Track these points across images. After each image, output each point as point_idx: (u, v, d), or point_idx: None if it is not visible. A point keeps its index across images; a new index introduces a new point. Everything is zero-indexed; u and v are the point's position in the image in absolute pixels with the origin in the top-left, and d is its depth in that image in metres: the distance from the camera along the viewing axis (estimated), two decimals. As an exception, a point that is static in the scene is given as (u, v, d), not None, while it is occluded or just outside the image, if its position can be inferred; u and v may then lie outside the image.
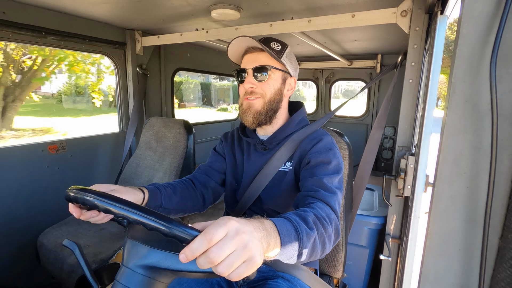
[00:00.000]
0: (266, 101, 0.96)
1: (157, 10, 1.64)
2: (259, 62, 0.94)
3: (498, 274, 0.56)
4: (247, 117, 0.98)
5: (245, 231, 0.47)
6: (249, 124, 0.99)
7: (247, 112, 0.97)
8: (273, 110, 0.98)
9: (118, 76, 2.21)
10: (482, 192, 0.58)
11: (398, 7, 1.22)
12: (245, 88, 0.96)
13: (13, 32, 1.56)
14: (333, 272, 1.17)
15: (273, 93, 0.96)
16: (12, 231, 1.71)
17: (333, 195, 0.83)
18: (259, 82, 0.95)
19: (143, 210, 0.51)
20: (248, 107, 0.96)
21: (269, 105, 0.96)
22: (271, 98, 0.97)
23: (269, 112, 0.97)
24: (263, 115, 0.97)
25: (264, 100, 0.96)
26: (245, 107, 0.97)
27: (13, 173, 1.68)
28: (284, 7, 1.52)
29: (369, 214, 1.81)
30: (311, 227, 0.66)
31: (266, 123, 1.00)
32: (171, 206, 0.95)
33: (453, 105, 0.59)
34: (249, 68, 0.94)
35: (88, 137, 2.11)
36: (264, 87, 0.95)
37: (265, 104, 0.96)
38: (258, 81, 0.95)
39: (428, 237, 0.64)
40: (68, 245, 0.68)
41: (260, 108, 0.96)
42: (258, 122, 0.97)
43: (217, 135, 3.30)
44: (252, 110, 0.96)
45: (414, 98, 1.22)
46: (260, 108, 0.96)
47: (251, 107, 0.96)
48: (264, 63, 0.94)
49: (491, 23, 0.54)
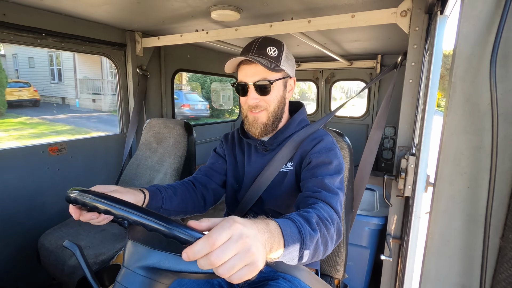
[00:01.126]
0: (270, 112, 0.96)
1: (157, 11, 1.64)
2: (259, 75, 0.92)
3: (499, 274, 0.56)
4: (254, 130, 0.98)
5: (249, 235, 0.46)
6: (257, 136, 0.99)
7: (254, 125, 0.98)
8: (278, 118, 0.99)
9: (118, 77, 2.21)
10: (483, 192, 0.58)
11: (398, 7, 1.22)
12: (248, 103, 0.96)
13: (14, 33, 1.57)
14: (334, 273, 1.17)
15: (276, 103, 0.97)
16: (13, 233, 1.71)
17: (334, 196, 0.83)
18: (262, 96, 0.94)
19: (143, 211, 0.51)
20: (254, 120, 0.97)
21: (274, 115, 0.97)
22: (275, 108, 0.97)
23: (275, 121, 0.99)
24: (269, 126, 0.98)
25: (268, 112, 0.96)
26: (251, 120, 0.98)
27: (13, 174, 1.69)
28: (283, 8, 1.52)
29: (370, 214, 1.81)
30: (314, 228, 0.66)
31: (273, 130, 1.01)
32: (172, 207, 0.95)
33: (453, 104, 0.58)
34: (250, 83, 0.93)
35: (89, 139, 2.11)
36: (267, 99, 0.95)
37: (270, 116, 0.97)
38: (261, 95, 0.94)
39: (429, 237, 0.64)
40: (69, 246, 0.68)
41: (265, 120, 0.97)
42: (266, 132, 0.99)
43: (217, 136, 3.30)
44: (259, 123, 0.97)
45: (414, 98, 1.22)
46: (266, 120, 0.97)
47: (257, 120, 0.97)
48: (265, 76, 0.92)
49: (491, 23, 0.54)
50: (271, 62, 0.92)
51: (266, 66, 0.89)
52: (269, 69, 0.90)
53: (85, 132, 9.42)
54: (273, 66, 0.92)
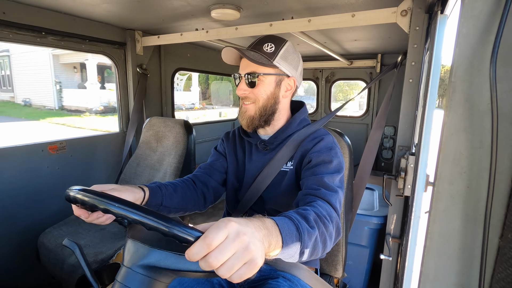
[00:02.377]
0: (258, 106, 0.97)
1: (157, 10, 1.64)
2: (250, 69, 0.95)
3: (499, 274, 0.56)
4: (242, 120, 1.02)
5: (246, 232, 0.46)
6: (244, 127, 1.02)
7: (242, 116, 1.01)
8: (267, 114, 0.99)
9: (118, 76, 2.21)
10: (482, 192, 0.58)
11: (398, 7, 1.22)
12: (237, 93, 0.99)
13: (13, 32, 1.56)
14: (333, 272, 1.17)
15: (265, 98, 0.97)
16: (12, 231, 1.72)
17: (334, 194, 0.83)
18: (251, 88, 0.96)
19: (142, 210, 0.51)
20: (244, 111, 1.00)
21: (261, 111, 0.98)
22: (264, 103, 0.97)
23: (262, 117, 0.99)
24: (256, 120, 0.99)
25: (256, 106, 0.97)
26: (242, 111, 1.01)
27: (13, 173, 1.69)
28: (284, 7, 1.52)
29: (370, 213, 1.81)
30: (312, 225, 0.66)
31: (263, 126, 1.02)
32: (172, 204, 0.95)
33: (453, 104, 0.59)
34: (242, 74, 0.96)
35: (88, 137, 2.11)
36: (255, 92, 0.96)
37: (257, 110, 0.98)
38: (250, 87, 0.96)
39: (428, 236, 0.64)
40: (69, 245, 0.69)
41: (252, 114, 0.98)
42: (252, 126, 1.00)
43: (217, 134, 3.30)
44: (246, 115, 0.99)
45: (414, 97, 1.22)
46: (253, 114, 0.98)
47: (246, 112, 0.99)
48: (254, 69, 0.94)
49: (491, 23, 0.54)
50: (262, 56, 0.94)
51: (252, 59, 0.91)
52: (257, 63, 0.92)
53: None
54: (262, 60, 0.93)
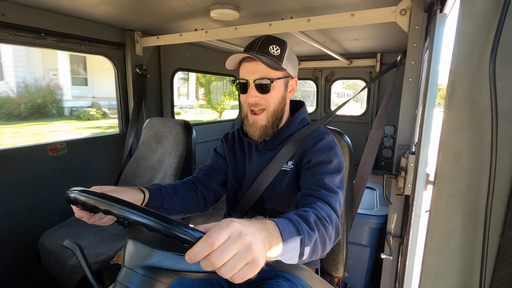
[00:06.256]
0: (270, 112, 0.95)
1: (156, 10, 1.64)
2: (260, 74, 0.91)
3: (499, 272, 0.56)
4: (253, 132, 0.98)
5: (248, 233, 0.47)
6: (256, 138, 0.99)
7: (253, 127, 0.97)
8: (277, 119, 0.98)
9: (118, 77, 2.21)
10: (483, 190, 0.58)
11: (397, 6, 1.21)
12: (248, 101, 0.95)
13: (13, 33, 1.56)
14: (334, 272, 1.17)
15: (276, 103, 0.95)
16: (13, 233, 1.72)
17: (334, 195, 0.83)
18: (262, 94, 0.93)
19: (144, 211, 0.51)
20: (254, 122, 0.97)
21: (273, 116, 0.96)
22: (275, 108, 0.96)
23: (274, 123, 0.98)
24: (269, 128, 0.97)
25: (268, 112, 0.95)
26: (251, 122, 0.98)
27: (13, 174, 1.68)
28: (283, 7, 1.51)
29: (370, 213, 1.81)
30: (312, 227, 0.67)
31: (273, 131, 1.00)
32: (172, 206, 0.95)
33: (453, 103, 0.58)
34: (251, 80, 0.92)
35: (88, 138, 2.11)
36: (267, 98, 0.94)
37: (269, 117, 0.96)
38: (261, 93, 0.93)
39: (428, 235, 0.64)
40: (69, 246, 0.69)
41: (265, 123, 0.96)
42: (266, 136, 0.98)
43: (217, 135, 3.30)
44: (258, 126, 0.96)
45: (414, 96, 1.22)
46: (265, 123, 0.96)
47: (256, 123, 0.96)
48: (266, 74, 0.91)
49: (490, 21, 0.54)
50: (272, 60, 0.92)
51: (267, 64, 0.88)
52: (271, 67, 0.89)
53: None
54: (274, 64, 0.91)
